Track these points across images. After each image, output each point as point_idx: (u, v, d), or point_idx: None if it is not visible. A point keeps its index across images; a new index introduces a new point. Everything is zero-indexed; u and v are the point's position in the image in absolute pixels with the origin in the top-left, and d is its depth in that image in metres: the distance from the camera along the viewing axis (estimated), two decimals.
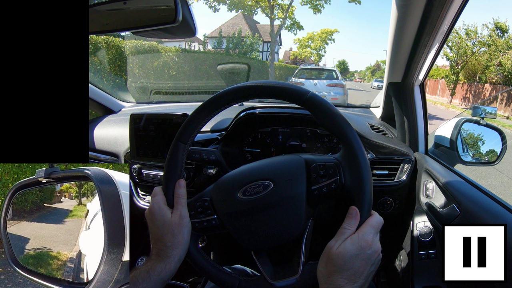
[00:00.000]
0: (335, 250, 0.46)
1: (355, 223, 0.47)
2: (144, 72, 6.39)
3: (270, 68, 14.72)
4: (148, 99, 1.86)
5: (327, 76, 7.85)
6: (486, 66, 13.49)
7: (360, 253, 0.45)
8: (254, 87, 0.55)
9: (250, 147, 1.02)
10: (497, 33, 13.16)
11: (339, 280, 0.45)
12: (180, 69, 7.93)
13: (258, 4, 16.26)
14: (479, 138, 0.98)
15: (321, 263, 0.48)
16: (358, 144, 0.49)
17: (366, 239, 0.46)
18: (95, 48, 4.89)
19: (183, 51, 10.20)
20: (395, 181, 0.86)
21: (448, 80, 14.67)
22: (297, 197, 0.52)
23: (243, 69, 1.71)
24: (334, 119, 0.51)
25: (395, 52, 0.81)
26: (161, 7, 0.56)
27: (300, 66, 12.45)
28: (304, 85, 7.58)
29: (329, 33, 25.52)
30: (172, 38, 0.66)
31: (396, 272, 0.92)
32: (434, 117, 8.59)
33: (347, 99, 7.52)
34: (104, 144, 1.16)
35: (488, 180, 3.15)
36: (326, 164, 0.52)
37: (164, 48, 7.99)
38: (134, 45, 6.50)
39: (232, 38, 17.32)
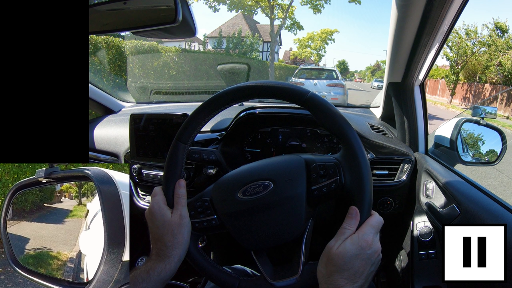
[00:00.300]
0: (335, 250, 0.46)
1: (355, 223, 0.48)
2: (144, 72, 6.38)
3: (270, 68, 14.71)
4: (148, 99, 1.86)
5: (327, 76, 7.84)
6: (486, 66, 13.48)
7: (360, 253, 0.45)
8: (254, 87, 0.55)
9: (250, 147, 1.02)
10: (497, 33, 13.16)
11: (339, 280, 0.45)
12: (180, 69, 7.92)
13: (258, 4, 16.25)
14: (479, 138, 0.98)
15: (321, 263, 0.48)
16: (358, 144, 0.49)
17: (366, 239, 0.46)
18: (95, 48, 4.89)
19: (183, 51, 10.20)
20: (395, 181, 0.86)
21: (448, 80, 14.66)
22: (297, 197, 0.52)
23: (243, 69, 1.71)
24: (334, 119, 0.51)
25: (395, 52, 0.81)
26: (161, 7, 0.56)
27: (300, 66, 12.45)
28: (304, 85, 7.58)
29: (329, 33, 25.51)
30: (172, 38, 0.66)
31: (396, 272, 0.92)
32: (434, 117, 8.60)
33: (347, 99, 7.52)
34: (104, 144, 1.16)
35: (488, 180, 3.15)
36: (326, 164, 0.52)
37: (164, 48, 7.99)
38: (134, 45, 6.50)
39: (232, 38, 17.30)
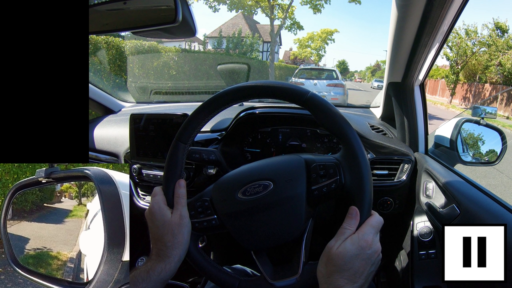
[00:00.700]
0: (335, 250, 0.46)
1: (355, 223, 0.48)
2: (144, 72, 6.38)
3: (270, 68, 14.74)
4: (148, 99, 1.86)
5: (327, 76, 7.86)
6: (486, 66, 13.49)
7: (360, 253, 0.45)
8: (254, 87, 0.55)
9: (250, 147, 1.02)
10: (497, 33, 13.16)
11: (339, 280, 0.45)
12: (180, 69, 7.93)
13: (258, 4, 16.26)
14: (479, 138, 0.97)
15: (321, 263, 0.48)
16: (358, 144, 0.49)
17: (366, 239, 0.46)
18: (95, 48, 4.89)
19: (183, 51, 10.20)
20: (395, 181, 0.86)
21: (448, 80, 14.66)
22: (297, 197, 0.52)
23: (243, 69, 1.71)
24: (334, 119, 0.51)
25: (395, 52, 0.81)
26: (161, 7, 0.56)
27: (300, 66, 12.46)
28: (304, 85, 7.62)
29: (329, 33, 25.50)
30: (172, 38, 0.66)
31: (396, 272, 0.92)
32: (434, 117, 8.61)
33: (347, 99, 7.54)
34: (104, 144, 1.16)
35: (488, 180, 3.16)
36: (326, 164, 0.52)
37: (164, 48, 7.99)
38: (134, 45, 6.50)
39: (232, 38, 17.31)
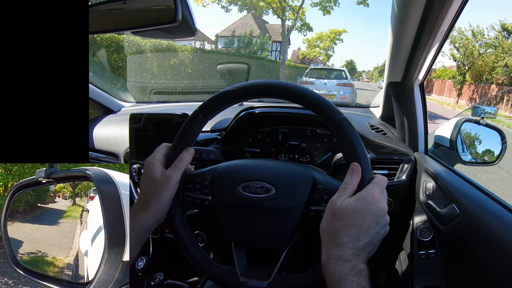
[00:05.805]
0: (340, 205, 0.45)
1: (356, 179, 0.47)
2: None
3: (282, 67, 14.93)
4: (148, 99, 1.86)
5: (337, 76, 8.06)
6: (493, 67, 13.52)
7: (365, 208, 0.45)
8: (290, 90, 0.52)
9: (250, 146, 1.02)
10: (504, 35, 13.20)
11: (343, 236, 0.44)
12: (196, 68, 8.07)
13: (269, 6, 16.48)
14: (479, 138, 0.97)
15: (325, 220, 0.47)
16: (369, 175, 0.49)
17: (371, 193, 0.46)
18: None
19: (199, 50, 10.07)
20: (395, 181, 0.85)
21: (455, 81, 14.71)
22: (293, 211, 0.53)
23: (242, 68, 1.72)
24: (354, 147, 0.49)
25: (395, 52, 0.81)
26: (160, 7, 0.56)
27: (310, 65, 12.55)
28: (314, 84, 7.73)
29: (337, 33, 25.56)
30: (172, 38, 0.66)
31: (396, 272, 0.91)
32: (441, 117, 8.71)
33: (356, 98, 7.70)
34: (104, 144, 1.16)
35: (488, 175, 3.19)
36: (332, 191, 0.51)
37: (180, 47, 8.06)
38: (153, 44, 6.58)
39: (243, 38, 17.42)
